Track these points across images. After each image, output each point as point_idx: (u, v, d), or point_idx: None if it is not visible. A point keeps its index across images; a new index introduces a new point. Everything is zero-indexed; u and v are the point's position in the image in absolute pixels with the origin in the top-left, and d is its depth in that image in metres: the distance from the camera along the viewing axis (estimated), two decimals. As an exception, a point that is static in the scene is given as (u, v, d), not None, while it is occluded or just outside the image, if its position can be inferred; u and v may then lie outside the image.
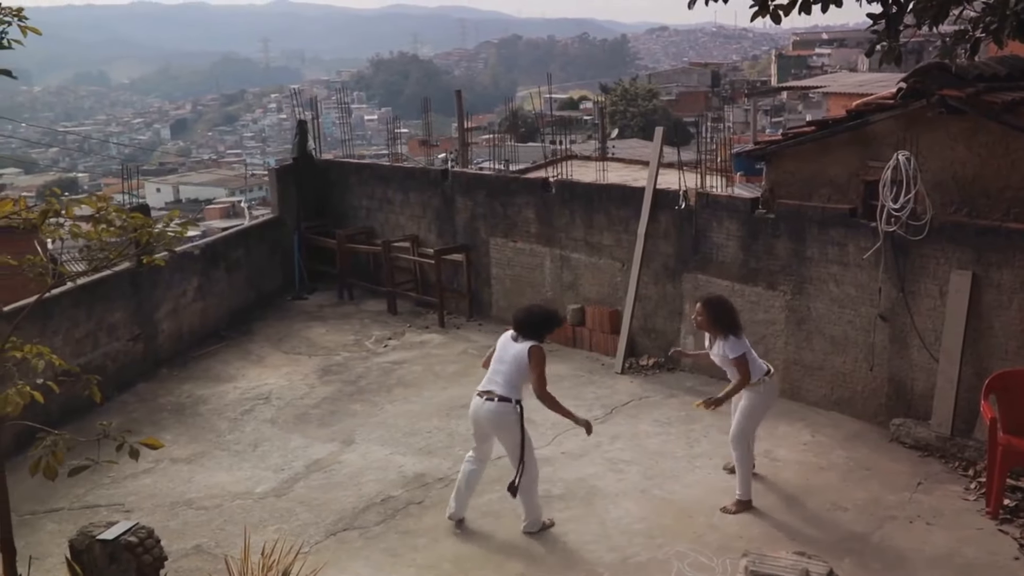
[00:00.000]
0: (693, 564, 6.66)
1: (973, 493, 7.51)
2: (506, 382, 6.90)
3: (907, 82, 8.18)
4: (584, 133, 39.76)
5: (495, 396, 6.89)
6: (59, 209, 3.63)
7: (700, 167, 10.97)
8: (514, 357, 6.92)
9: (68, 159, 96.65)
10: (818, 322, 9.19)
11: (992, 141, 7.92)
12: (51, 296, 9.65)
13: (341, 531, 7.34)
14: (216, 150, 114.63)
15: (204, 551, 7.06)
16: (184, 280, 11.94)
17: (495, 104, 65.28)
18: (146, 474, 8.48)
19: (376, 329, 12.57)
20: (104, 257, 3.90)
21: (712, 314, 7.35)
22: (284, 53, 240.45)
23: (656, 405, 9.59)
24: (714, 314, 7.34)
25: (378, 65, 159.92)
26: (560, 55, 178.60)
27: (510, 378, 6.90)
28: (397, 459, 8.61)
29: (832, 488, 7.74)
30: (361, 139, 60.27)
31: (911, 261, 8.40)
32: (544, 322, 7.07)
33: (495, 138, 15.31)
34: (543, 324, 7.05)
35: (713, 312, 7.35)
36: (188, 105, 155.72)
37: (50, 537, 7.24)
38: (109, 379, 10.22)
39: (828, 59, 59.77)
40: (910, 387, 8.60)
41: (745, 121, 34.69)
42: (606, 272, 11.20)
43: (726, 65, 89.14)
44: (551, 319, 7.17)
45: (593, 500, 7.68)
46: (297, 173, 14.50)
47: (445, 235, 13.07)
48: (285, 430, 9.40)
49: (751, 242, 9.63)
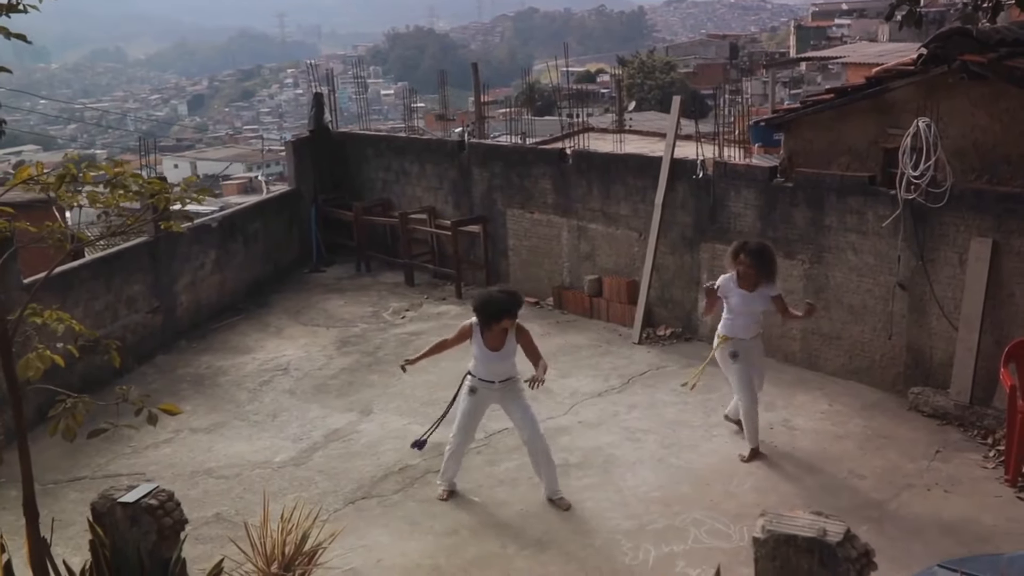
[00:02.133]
0: (710, 531, 6.69)
1: (992, 461, 7.48)
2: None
3: (927, 48, 8.09)
4: (601, 106, 39.53)
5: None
6: (76, 174, 3.65)
7: (718, 138, 10.91)
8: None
9: (86, 135, 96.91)
10: (836, 291, 9.15)
11: (1014, 107, 7.84)
12: (71, 268, 9.74)
13: (360, 499, 7.40)
14: (233, 126, 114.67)
15: (224, 519, 7.14)
16: (202, 253, 11.98)
17: (512, 78, 64.92)
18: (166, 444, 8.56)
19: (393, 301, 12.60)
20: (122, 223, 3.91)
21: (761, 262, 7.46)
22: (300, 28, 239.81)
23: (673, 375, 9.59)
24: (763, 262, 7.47)
25: (394, 39, 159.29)
26: (577, 28, 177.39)
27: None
28: (415, 428, 8.61)
29: (850, 456, 7.74)
30: (378, 114, 60.14)
31: (931, 229, 8.34)
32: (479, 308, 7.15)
33: (511, 111, 15.23)
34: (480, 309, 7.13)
35: (762, 260, 7.47)
36: (205, 81, 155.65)
37: (73, 506, 7.32)
38: (128, 351, 10.27)
39: (848, 30, 59.06)
40: (929, 356, 8.56)
41: (763, 93, 34.38)
42: (623, 242, 11.16)
43: (744, 37, 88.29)
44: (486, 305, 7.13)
45: (610, 468, 7.71)
46: (314, 146, 14.49)
47: (462, 207, 13.06)
48: (304, 400, 9.46)
49: (769, 211, 9.57)
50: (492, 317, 7.04)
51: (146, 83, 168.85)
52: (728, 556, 6.22)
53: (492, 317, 7.04)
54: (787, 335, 9.61)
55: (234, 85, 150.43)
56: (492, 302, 7.11)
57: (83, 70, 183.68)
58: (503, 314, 7.04)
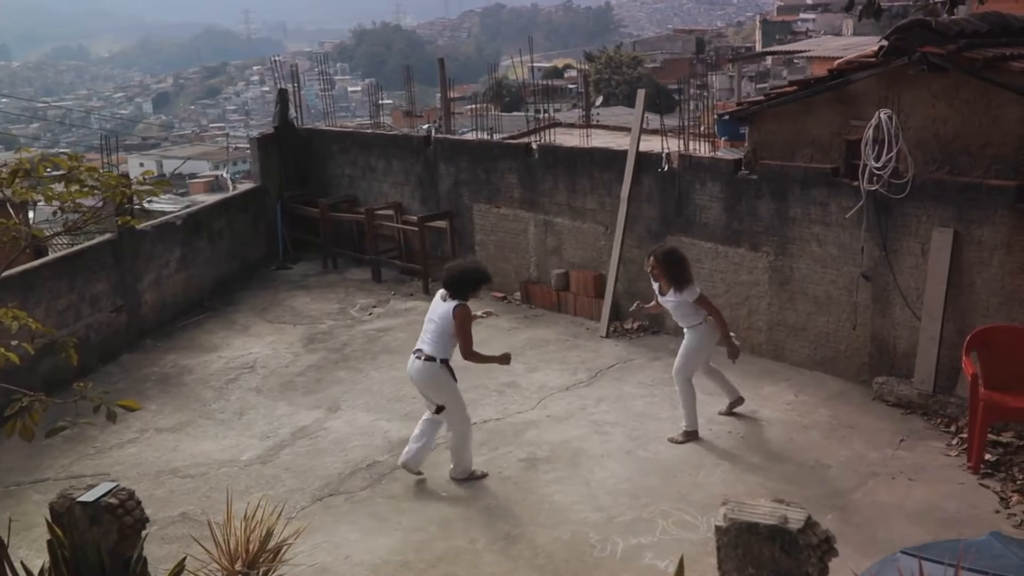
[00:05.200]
0: (677, 522, 6.71)
1: (955, 449, 7.56)
2: (433, 340, 7.19)
3: (888, 39, 8.14)
4: (569, 102, 39.55)
5: (423, 355, 7.21)
6: (28, 169, 3.59)
7: (684, 132, 10.94)
8: (440, 316, 7.19)
9: (50, 134, 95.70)
10: (801, 282, 9.21)
11: (974, 98, 7.91)
12: (31, 267, 9.61)
13: (327, 496, 7.36)
14: (199, 123, 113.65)
15: (190, 518, 7.07)
16: (166, 251, 11.87)
17: (479, 74, 64.87)
18: (131, 444, 8.48)
19: (361, 297, 12.54)
20: (79, 218, 3.86)
21: (665, 265, 7.81)
22: (266, 24, 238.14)
23: (641, 368, 9.62)
24: (667, 265, 7.81)
25: (361, 35, 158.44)
26: (544, 23, 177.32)
27: (437, 336, 7.18)
28: (383, 425, 8.62)
29: (816, 446, 7.79)
30: (344, 110, 59.84)
31: (893, 220, 8.41)
32: (464, 279, 7.22)
33: (478, 108, 15.16)
34: (465, 281, 7.22)
35: (667, 263, 7.82)
36: (170, 79, 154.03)
37: (36, 507, 7.21)
38: (92, 350, 10.19)
39: (813, 24, 59.48)
40: (893, 345, 8.64)
41: (730, 88, 34.59)
42: (590, 236, 11.18)
43: (711, 31, 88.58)
44: (471, 276, 7.28)
45: (578, 462, 7.72)
46: (279, 142, 14.40)
47: (428, 202, 13.02)
48: (270, 398, 9.39)
49: (734, 203, 9.62)
50: (473, 289, 7.22)
51: (110, 81, 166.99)
52: (696, 547, 6.24)
53: (473, 289, 7.22)
54: (753, 327, 9.67)
55: (199, 83, 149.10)
56: (472, 272, 7.30)
57: (45, 68, 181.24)
58: (481, 284, 7.29)
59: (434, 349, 7.17)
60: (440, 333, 7.16)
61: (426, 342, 7.23)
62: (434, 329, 7.19)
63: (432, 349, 7.17)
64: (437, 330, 7.17)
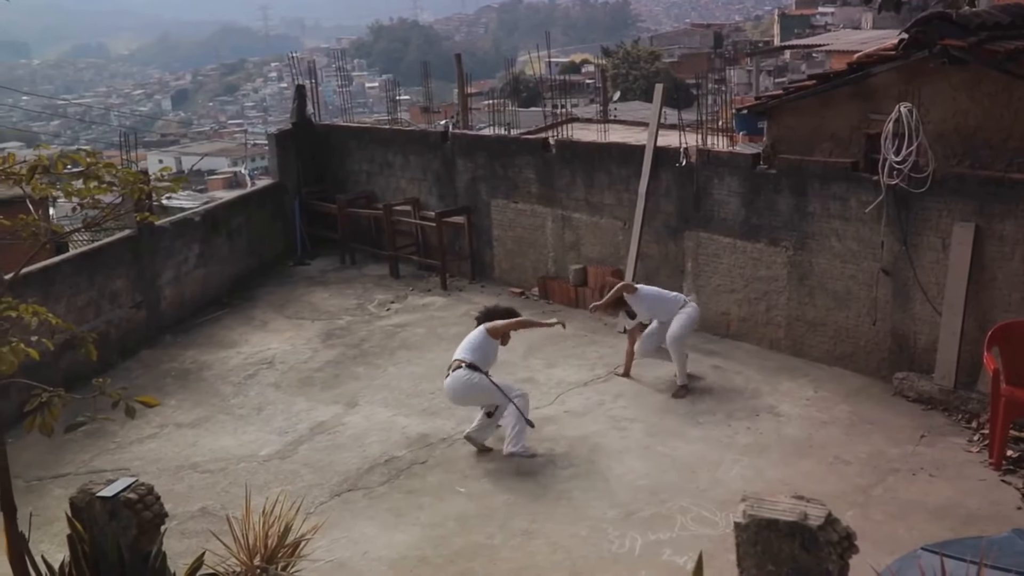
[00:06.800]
0: (696, 518, 6.69)
1: (976, 445, 7.51)
2: (472, 351, 7.78)
3: (908, 32, 8.07)
4: (586, 97, 39.44)
5: (464, 363, 7.71)
6: (47, 165, 3.60)
7: (702, 127, 10.89)
8: (475, 334, 7.91)
9: (70, 131, 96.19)
10: (820, 277, 9.15)
11: (995, 91, 7.84)
12: (52, 264, 9.67)
13: (346, 491, 7.37)
14: (217, 120, 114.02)
15: (210, 513, 7.11)
16: (185, 247, 11.91)
17: (496, 69, 64.74)
18: (151, 439, 8.52)
19: (378, 293, 12.56)
20: (98, 214, 3.87)
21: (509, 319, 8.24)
22: (284, 21, 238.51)
23: (658, 364, 9.54)
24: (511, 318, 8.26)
25: (378, 32, 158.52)
26: (561, 19, 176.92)
27: (476, 349, 7.78)
28: (400, 420, 8.62)
29: (835, 442, 7.75)
30: (362, 107, 59.96)
31: (913, 214, 8.34)
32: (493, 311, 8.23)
33: (495, 103, 15.15)
34: (494, 312, 8.20)
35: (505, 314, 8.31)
36: (188, 76, 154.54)
37: (57, 502, 7.26)
38: (112, 346, 10.23)
39: (831, 18, 59.07)
40: (913, 341, 8.58)
41: (748, 82, 34.41)
42: (608, 231, 11.15)
43: (729, 26, 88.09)
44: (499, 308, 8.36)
45: (597, 457, 7.70)
46: (296, 139, 14.42)
47: (446, 198, 13.02)
48: (289, 394, 9.42)
49: (753, 198, 9.57)
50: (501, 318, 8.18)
51: (129, 78, 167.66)
52: (715, 543, 6.22)
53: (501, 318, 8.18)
54: (772, 322, 9.62)
55: (218, 79, 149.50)
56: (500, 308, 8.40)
57: (65, 66, 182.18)
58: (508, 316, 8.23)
59: (474, 357, 7.71)
60: (477, 346, 7.79)
61: (467, 353, 7.77)
62: (470, 346, 7.81)
63: (474, 359, 7.70)
64: (474, 344, 7.79)
